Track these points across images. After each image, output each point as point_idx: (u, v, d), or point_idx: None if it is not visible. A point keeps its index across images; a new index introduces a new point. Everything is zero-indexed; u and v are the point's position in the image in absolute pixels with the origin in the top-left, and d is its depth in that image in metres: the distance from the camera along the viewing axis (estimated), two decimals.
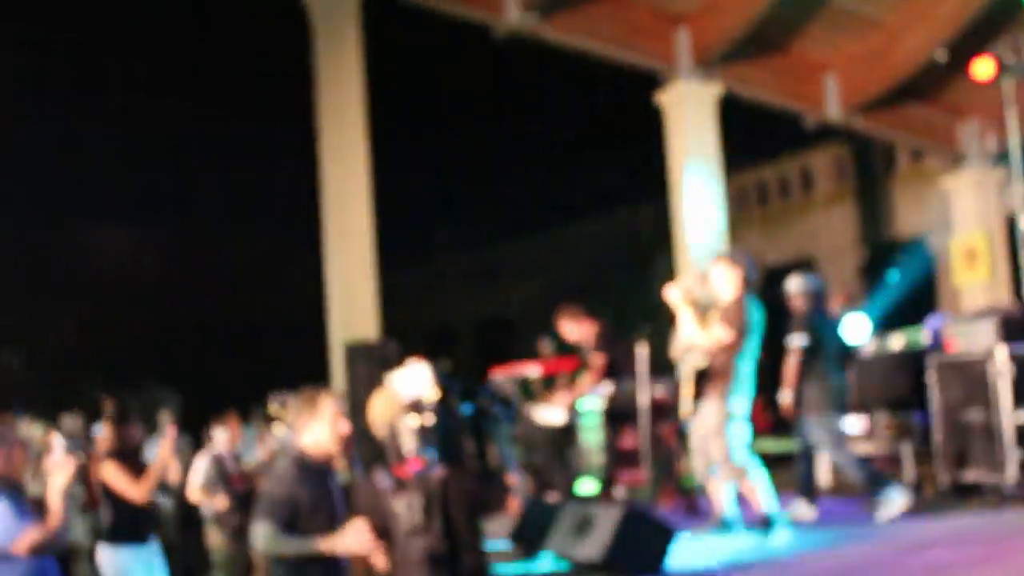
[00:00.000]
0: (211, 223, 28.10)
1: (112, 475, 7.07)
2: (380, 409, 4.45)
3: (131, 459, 7.23)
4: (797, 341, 8.32)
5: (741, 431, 7.63)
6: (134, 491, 7.04)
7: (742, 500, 7.90)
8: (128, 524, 7.14)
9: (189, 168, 26.60)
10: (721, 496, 7.78)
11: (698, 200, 13.98)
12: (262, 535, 4.82)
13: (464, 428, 4.25)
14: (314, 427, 4.96)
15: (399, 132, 19.13)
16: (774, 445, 11.19)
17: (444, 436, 4.23)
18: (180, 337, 27.18)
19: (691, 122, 14.00)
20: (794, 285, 8.73)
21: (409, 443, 4.17)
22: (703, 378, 7.61)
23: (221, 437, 9.75)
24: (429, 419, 4.20)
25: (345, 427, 5.16)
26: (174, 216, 28.02)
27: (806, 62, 14.49)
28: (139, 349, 25.06)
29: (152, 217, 27.34)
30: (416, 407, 4.23)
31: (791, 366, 8.31)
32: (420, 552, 4.24)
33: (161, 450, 7.16)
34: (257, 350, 27.13)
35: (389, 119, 14.81)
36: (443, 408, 4.24)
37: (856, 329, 11.75)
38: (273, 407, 9.38)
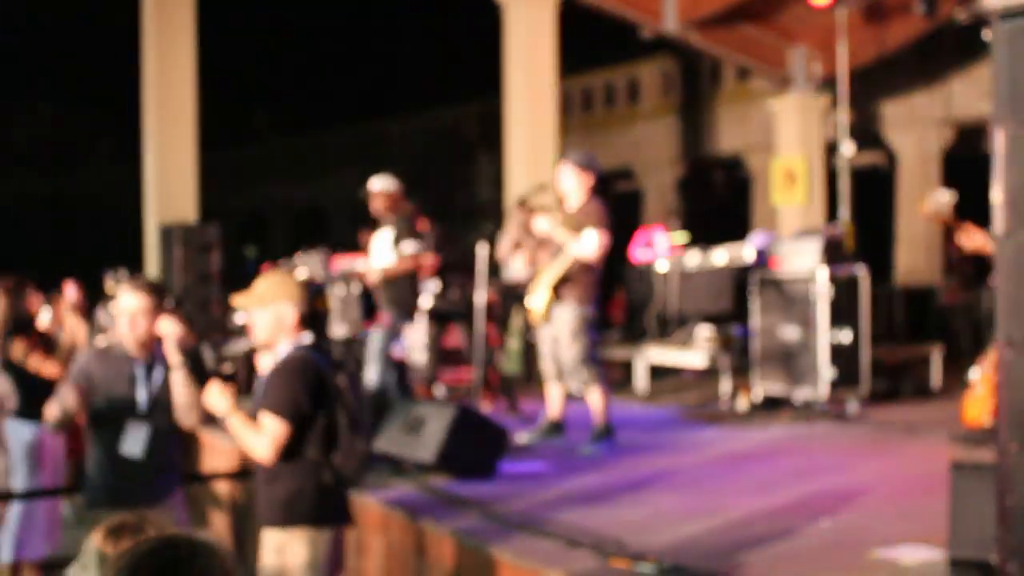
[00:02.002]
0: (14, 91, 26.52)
1: (21, 353, 6.63)
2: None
3: (32, 332, 6.79)
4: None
5: (595, 337, 7.63)
6: (48, 368, 6.63)
7: (573, 405, 7.97)
8: (41, 401, 6.80)
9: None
10: (557, 400, 7.78)
11: (530, 102, 13.87)
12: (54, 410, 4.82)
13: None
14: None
15: (227, 11, 18.33)
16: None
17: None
18: None
19: (530, 23, 13.83)
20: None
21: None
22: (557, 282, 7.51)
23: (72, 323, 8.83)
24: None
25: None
26: None
27: None
28: None
29: None
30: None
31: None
32: (362, 454, 4.23)
33: (69, 318, 6.64)
34: (64, 228, 25.95)
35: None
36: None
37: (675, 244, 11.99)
38: (109, 283, 8.74)
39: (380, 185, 8.68)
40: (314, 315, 4.30)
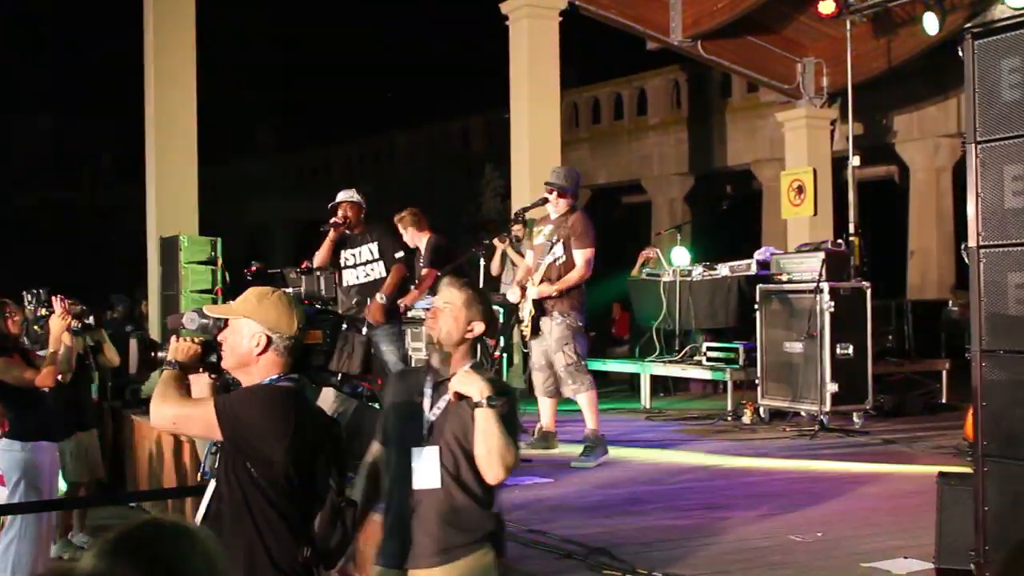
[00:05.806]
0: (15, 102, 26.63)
1: (3, 370, 6.50)
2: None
3: (12, 351, 6.67)
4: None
5: (583, 344, 7.65)
6: (37, 378, 6.47)
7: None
8: (33, 420, 6.67)
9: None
10: (548, 411, 7.79)
11: (535, 114, 13.83)
12: None
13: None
14: None
15: (230, 25, 18.39)
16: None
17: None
18: None
19: (534, 35, 13.81)
20: None
21: None
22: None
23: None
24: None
25: None
26: None
27: None
28: None
29: None
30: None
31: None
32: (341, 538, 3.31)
33: (55, 328, 6.50)
34: (66, 240, 25.99)
35: (221, 13, 14.20)
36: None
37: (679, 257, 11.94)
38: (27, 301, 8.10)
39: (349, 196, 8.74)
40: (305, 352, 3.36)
